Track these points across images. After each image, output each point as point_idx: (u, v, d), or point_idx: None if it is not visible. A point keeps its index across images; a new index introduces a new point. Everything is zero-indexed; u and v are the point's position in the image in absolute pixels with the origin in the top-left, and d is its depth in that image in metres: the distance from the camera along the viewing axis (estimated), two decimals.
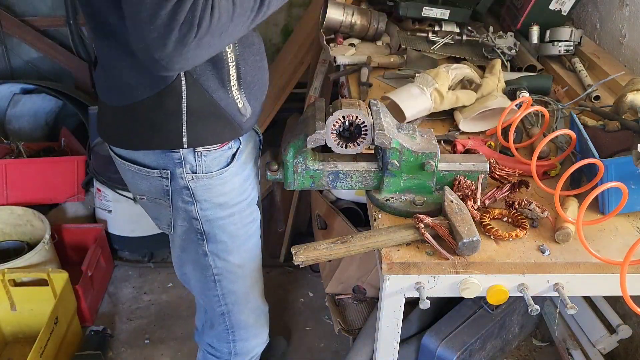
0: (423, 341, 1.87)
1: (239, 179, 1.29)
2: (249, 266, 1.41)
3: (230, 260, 1.36)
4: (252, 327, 1.52)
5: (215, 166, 1.23)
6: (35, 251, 2.21)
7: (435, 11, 2.07)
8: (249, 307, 1.48)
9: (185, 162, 1.19)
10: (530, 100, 1.43)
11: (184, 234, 1.34)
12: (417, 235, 1.14)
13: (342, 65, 1.96)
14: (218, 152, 1.22)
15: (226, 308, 1.45)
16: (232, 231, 1.32)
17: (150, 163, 1.21)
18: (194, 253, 1.36)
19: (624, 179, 1.16)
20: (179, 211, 1.28)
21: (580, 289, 1.18)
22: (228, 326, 1.49)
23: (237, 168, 1.27)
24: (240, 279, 1.41)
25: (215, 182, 1.24)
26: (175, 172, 1.21)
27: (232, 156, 1.25)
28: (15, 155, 2.71)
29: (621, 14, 1.99)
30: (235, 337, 1.52)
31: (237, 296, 1.43)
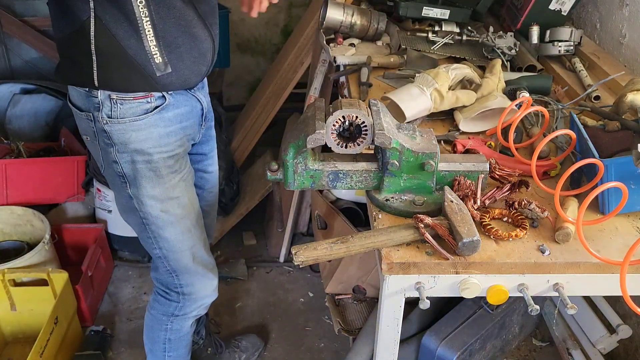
0: (423, 341, 1.87)
1: (158, 132, 1.38)
2: (176, 213, 1.49)
3: (153, 205, 1.46)
4: (195, 274, 1.61)
5: (130, 115, 1.34)
6: (35, 251, 2.21)
7: (435, 11, 2.07)
8: (186, 255, 1.56)
9: (102, 106, 1.33)
10: (530, 100, 1.43)
11: (110, 176, 1.47)
12: (417, 235, 1.13)
13: (342, 65, 1.96)
14: (134, 102, 1.34)
15: (161, 252, 1.55)
16: (150, 177, 1.42)
17: (80, 105, 1.38)
18: (121, 195, 1.49)
19: (624, 179, 1.16)
20: (103, 152, 1.42)
21: (580, 289, 1.18)
22: (170, 270, 1.59)
23: (157, 121, 1.37)
24: (168, 226, 1.50)
25: (129, 127, 1.35)
26: (95, 115, 1.35)
27: (154, 109, 1.36)
28: (15, 155, 2.71)
29: (621, 14, 1.99)
30: (181, 282, 1.61)
31: (169, 243, 1.53)
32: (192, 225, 1.55)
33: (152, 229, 1.50)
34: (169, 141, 1.41)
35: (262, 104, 2.81)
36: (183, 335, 1.75)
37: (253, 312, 2.44)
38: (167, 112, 1.38)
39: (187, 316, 1.69)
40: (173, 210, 1.48)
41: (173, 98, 1.38)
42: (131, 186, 1.44)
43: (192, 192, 1.54)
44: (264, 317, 2.41)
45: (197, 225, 1.57)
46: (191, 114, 1.46)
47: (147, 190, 1.44)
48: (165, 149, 1.41)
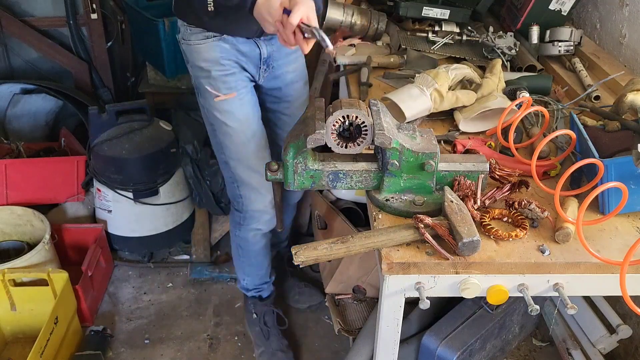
0: (423, 341, 1.87)
1: (215, 55, 1.68)
2: (233, 126, 1.75)
3: (216, 115, 1.76)
4: (249, 185, 1.86)
5: (193, 39, 1.69)
6: (35, 251, 2.21)
7: (435, 11, 2.07)
8: (242, 164, 1.83)
9: (180, 31, 1.73)
10: (530, 100, 1.43)
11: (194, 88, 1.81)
12: (417, 235, 1.14)
13: (342, 65, 1.96)
14: (195, 29, 1.67)
15: (225, 157, 1.85)
16: (208, 91, 1.72)
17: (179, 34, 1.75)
18: (199, 104, 1.82)
19: (624, 179, 1.16)
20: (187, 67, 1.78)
21: (580, 289, 1.18)
22: (232, 177, 1.88)
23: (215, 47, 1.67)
24: (228, 135, 1.78)
25: (193, 49, 1.70)
26: (178, 37, 1.75)
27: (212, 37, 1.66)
28: (15, 155, 2.71)
29: (621, 14, 1.99)
30: (241, 193, 1.90)
31: (229, 150, 1.81)
32: (246, 139, 1.78)
33: (216, 135, 1.80)
34: (225, 63, 1.69)
35: None
36: (250, 244, 2.04)
37: None
38: (225, 43, 1.67)
39: (249, 227, 1.97)
40: (229, 122, 1.75)
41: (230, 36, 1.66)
42: (200, 96, 1.78)
43: (248, 111, 1.77)
44: None
45: (253, 141, 1.80)
46: (250, 53, 1.71)
47: (209, 101, 1.74)
48: (220, 68, 1.69)
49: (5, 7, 2.93)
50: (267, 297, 2.24)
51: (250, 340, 2.31)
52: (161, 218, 2.58)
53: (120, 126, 2.52)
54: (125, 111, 2.55)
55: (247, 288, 2.21)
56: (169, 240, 2.67)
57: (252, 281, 2.19)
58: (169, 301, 2.49)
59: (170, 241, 2.69)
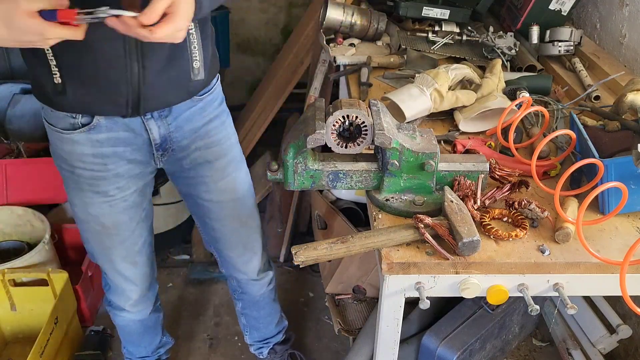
0: (423, 341, 1.87)
1: (82, 149, 1.37)
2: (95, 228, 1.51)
3: (74, 210, 1.51)
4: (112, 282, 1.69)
5: (58, 125, 1.36)
6: (35, 251, 2.21)
7: (435, 11, 2.07)
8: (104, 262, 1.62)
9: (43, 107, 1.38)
10: (530, 100, 1.42)
11: None
12: (417, 235, 1.13)
13: (342, 65, 1.96)
14: (61, 114, 1.34)
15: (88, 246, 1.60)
16: (71, 187, 1.46)
17: None
18: None
19: (624, 179, 1.16)
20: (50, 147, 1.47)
21: (580, 289, 1.18)
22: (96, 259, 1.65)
23: (85, 140, 1.36)
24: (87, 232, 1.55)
25: (57, 137, 1.38)
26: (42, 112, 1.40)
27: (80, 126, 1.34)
28: (15, 155, 2.71)
29: (621, 14, 1.99)
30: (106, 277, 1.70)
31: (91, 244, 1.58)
32: (112, 245, 1.55)
33: (79, 225, 1.56)
34: (95, 162, 1.38)
35: (262, 104, 2.81)
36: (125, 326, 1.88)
37: None
38: (98, 133, 1.34)
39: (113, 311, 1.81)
40: (92, 223, 1.51)
41: (106, 120, 1.33)
42: (64, 184, 1.49)
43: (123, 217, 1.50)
44: None
45: (121, 246, 1.56)
46: (133, 141, 1.39)
47: (71, 196, 1.49)
48: (88, 167, 1.39)
49: None
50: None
51: None
52: (161, 218, 2.58)
53: None
54: None
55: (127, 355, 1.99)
56: (169, 240, 2.67)
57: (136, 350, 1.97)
58: (169, 301, 2.49)
59: (170, 241, 2.69)
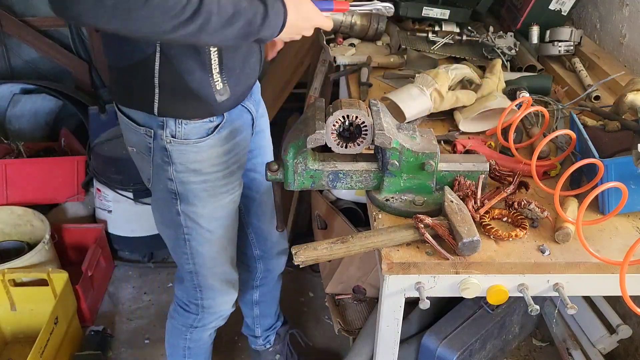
0: (423, 341, 1.87)
1: (216, 151, 1.38)
2: (218, 233, 1.51)
3: (200, 224, 1.47)
4: (219, 290, 1.63)
5: (193, 135, 1.33)
6: (35, 251, 2.21)
7: (435, 11, 2.07)
8: (215, 271, 1.59)
9: (166, 126, 1.31)
10: (530, 100, 1.43)
11: (160, 191, 1.45)
12: (417, 235, 1.13)
13: (342, 65, 1.96)
14: (198, 123, 1.32)
15: (194, 267, 1.56)
16: (203, 197, 1.43)
17: (139, 120, 1.34)
18: (167, 210, 1.47)
19: (624, 179, 1.16)
20: (158, 169, 1.39)
21: (580, 289, 1.18)
22: (196, 284, 1.60)
23: (215, 141, 1.37)
24: (208, 243, 1.52)
25: (191, 149, 1.35)
26: (157, 133, 1.33)
27: (214, 129, 1.35)
28: (15, 155, 2.71)
29: (621, 14, 1.99)
30: (203, 296, 1.63)
31: (205, 259, 1.54)
32: (227, 243, 1.58)
33: (191, 245, 1.51)
34: (226, 159, 1.42)
35: None
36: (202, 344, 1.78)
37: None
38: (224, 130, 1.38)
39: (205, 327, 1.71)
40: (216, 229, 1.51)
41: (229, 114, 1.38)
42: (182, 203, 1.43)
43: (236, 212, 1.56)
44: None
45: (232, 243, 1.61)
46: (243, 126, 1.45)
47: (198, 209, 1.44)
48: (221, 167, 1.42)
49: (5, 7, 2.93)
50: None
51: None
52: None
53: (120, 126, 2.52)
54: None
55: None
56: None
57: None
58: (169, 301, 2.47)
59: None
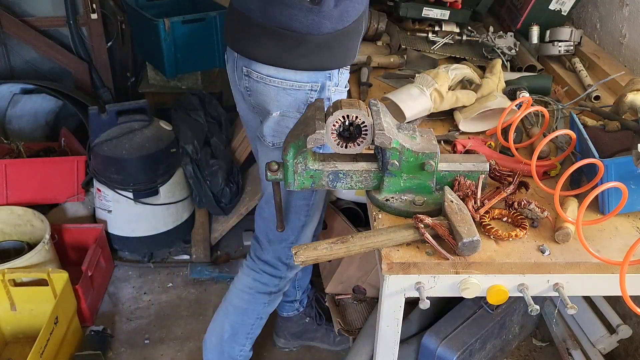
0: (423, 341, 1.87)
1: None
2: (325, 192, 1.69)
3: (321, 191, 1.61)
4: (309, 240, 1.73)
5: (343, 83, 1.55)
6: (35, 251, 2.21)
7: (435, 11, 2.07)
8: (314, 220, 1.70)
9: (332, 76, 1.49)
10: (530, 100, 1.42)
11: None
12: (417, 235, 1.13)
13: None
14: (345, 73, 1.54)
15: (308, 219, 1.67)
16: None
17: (302, 79, 1.47)
18: None
19: (624, 179, 1.16)
20: None
21: (580, 289, 1.18)
22: (294, 240, 1.69)
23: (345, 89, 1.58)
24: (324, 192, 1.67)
25: (344, 95, 1.57)
26: (325, 85, 1.49)
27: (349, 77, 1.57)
28: (15, 155, 2.71)
29: (621, 14, 1.99)
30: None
31: (316, 208, 1.67)
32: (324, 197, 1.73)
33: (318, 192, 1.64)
34: None
35: None
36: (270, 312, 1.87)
37: None
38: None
39: (281, 292, 1.82)
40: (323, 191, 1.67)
41: None
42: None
43: None
44: None
45: None
46: None
47: None
48: None
49: (5, 7, 2.93)
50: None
51: None
52: (161, 218, 2.58)
53: (120, 126, 2.52)
54: (125, 111, 2.54)
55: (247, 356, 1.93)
56: (169, 240, 2.67)
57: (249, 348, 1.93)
58: (169, 301, 2.49)
59: (170, 241, 2.69)
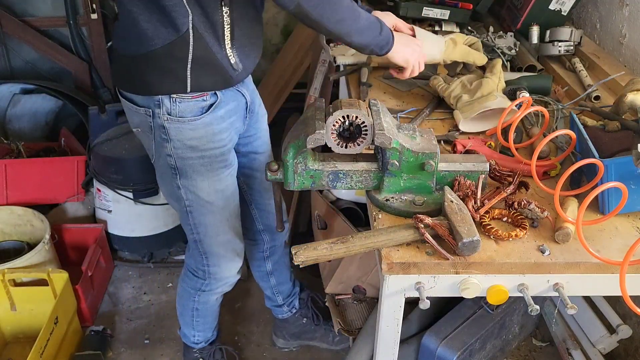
0: (423, 341, 1.87)
1: (212, 129, 1.47)
2: (218, 204, 1.61)
3: (200, 196, 1.57)
4: (224, 257, 1.75)
5: (188, 113, 1.43)
6: (35, 251, 2.21)
7: (435, 11, 2.07)
8: (219, 240, 1.70)
9: (162, 104, 1.42)
10: (530, 100, 1.43)
11: (162, 167, 1.56)
12: (417, 235, 1.13)
13: (342, 65, 1.96)
14: (192, 101, 1.42)
15: (198, 237, 1.68)
16: (201, 171, 1.53)
17: (139, 102, 1.46)
18: (169, 184, 1.59)
19: (624, 179, 1.16)
20: (158, 146, 1.51)
21: (580, 289, 1.18)
22: (201, 252, 1.73)
23: (211, 119, 1.46)
24: (210, 214, 1.62)
25: (187, 126, 1.45)
26: (155, 112, 1.43)
27: (209, 107, 1.45)
28: (15, 155, 2.71)
29: (621, 14, 1.99)
30: (209, 263, 1.76)
31: (207, 228, 1.66)
32: (229, 214, 1.67)
33: (194, 216, 1.63)
34: (221, 137, 1.51)
35: None
36: (210, 306, 1.93)
37: (253, 312, 2.44)
38: (219, 109, 1.47)
39: (212, 292, 1.85)
40: (217, 201, 1.60)
41: (223, 95, 1.47)
42: (181, 178, 1.54)
43: (235, 184, 1.66)
44: (264, 317, 2.41)
45: (234, 214, 1.70)
46: (237, 108, 1.54)
47: (197, 182, 1.55)
48: (217, 144, 1.50)
49: (5, 7, 2.93)
50: (215, 339, 2.10)
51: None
52: (161, 218, 2.59)
53: (120, 126, 2.52)
54: None
55: (197, 342, 2.04)
56: (169, 240, 2.67)
57: (204, 335, 2.03)
58: (169, 301, 2.49)
59: (170, 241, 2.69)
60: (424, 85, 1.80)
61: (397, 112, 1.66)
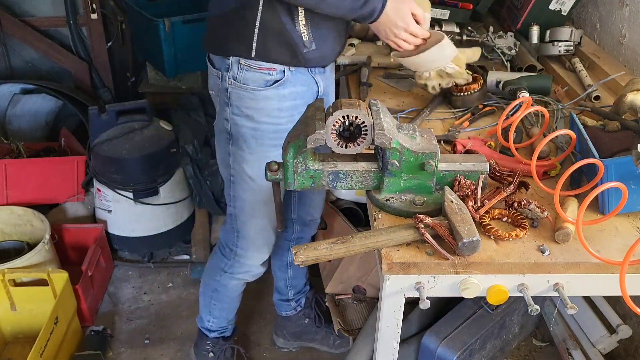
0: (423, 341, 1.87)
1: (271, 104, 1.50)
2: (261, 183, 1.60)
3: (244, 169, 1.60)
4: (253, 242, 1.76)
5: (251, 82, 1.48)
6: (35, 251, 2.21)
7: (435, 11, 2.07)
8: (253, 222, 1.71)
9: (230, 68, 1.48)
10: (530, 100, 1.43)
11: (220, 130, 1.62)
12: (417, 235, 1.13)
13: (342, 65, 1.96)
14: (258, 72, 1.47)
15: (234, 211, 1.71)
16: (251, 144, 1.55)
17: (215, 63, 1.54)
18: (222, 149, 1.64)
19: (624, 179, 1.16)
20: (221, 109, 1.57)
21: (580, 289, 1.18)
22: (235, 228, 1.75)
23: (272, 94, 1.49)
24: (250, 190, 1.64)
25: (248, 95, 1.49)
26: (223, 75, 1.50)
27: (273, 82, 1.48)
28: (15, 155, 2.71)
29: (621, 14, 1.99)
30: (238, 243, 1.77)
31: (245, 204, 1.67)
32: (267, 198, 1.65)
33: (235, 188, 1.66)
34: (279, 115, 1.52)
35: None
36: (229, 291, 1.92)
37: (253, 312, 2.44)
38: (284, 88, 1.49)
39: (233, 276, 1.85)
40: (259, 179, 1.59)
41: (292, 75, 1.49)
42: (233, 144, 1.58)
43: None
44: (264, 317, 2.41)
45: (270, 201, 1.65)
46: (306, 93, 1.55)
47: (245, 153, 1.57)
48: (273, 120, 1.52)
49: (5, 7, 2.93)
50: (229, 336, 2.11)
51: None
52: (161, 218, 2.59)
53: (120, 126, 2.52)
54: (125, 111, 2.55)
55: (210, 329, 2.06)
56: (169, 240, 2.67)
57: (218, 323, 2.05)
58: (169, 301, 2.49)
59: (170, 241, 2.69)
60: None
61: (397, 112, 1.66)
